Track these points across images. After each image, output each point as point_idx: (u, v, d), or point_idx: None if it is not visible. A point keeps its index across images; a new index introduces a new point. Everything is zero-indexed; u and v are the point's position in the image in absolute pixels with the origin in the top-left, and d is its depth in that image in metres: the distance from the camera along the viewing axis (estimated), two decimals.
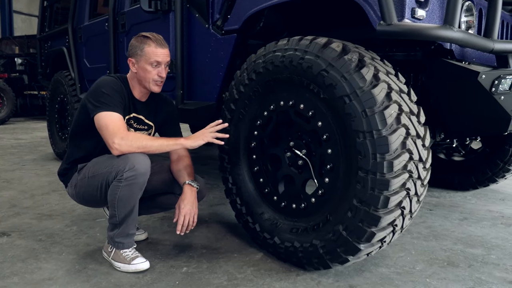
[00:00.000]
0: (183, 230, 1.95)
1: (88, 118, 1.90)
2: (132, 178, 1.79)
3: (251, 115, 2.08)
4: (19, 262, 1.97)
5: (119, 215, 1.86)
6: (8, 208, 2.85)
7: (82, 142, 2.03)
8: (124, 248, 1.92)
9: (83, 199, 2.02)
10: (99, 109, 1.85)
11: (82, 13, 4.26)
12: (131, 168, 1.78)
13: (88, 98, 1.90)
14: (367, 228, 1.58)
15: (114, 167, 1.82)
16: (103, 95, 1.87)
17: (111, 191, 1.84)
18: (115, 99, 1.89)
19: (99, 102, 1.86)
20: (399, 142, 1.52)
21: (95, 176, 1.90)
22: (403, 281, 1.82)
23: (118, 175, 1.80)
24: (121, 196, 1.82)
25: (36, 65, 7.04)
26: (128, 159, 1.80)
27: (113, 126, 1.82)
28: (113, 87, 1.92)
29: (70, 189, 2.05)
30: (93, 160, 1.97)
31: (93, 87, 1.93)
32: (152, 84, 1.99)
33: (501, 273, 1.91)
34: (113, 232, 1.92)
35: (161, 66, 1.97)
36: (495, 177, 3.22)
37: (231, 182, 2.18)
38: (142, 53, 1.95)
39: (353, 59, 1.61)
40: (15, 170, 4.23)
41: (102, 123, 1.83)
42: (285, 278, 1.83)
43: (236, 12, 2.29)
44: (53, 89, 4.93)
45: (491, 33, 1.71)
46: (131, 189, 1.81)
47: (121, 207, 1.84)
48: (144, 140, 1.84)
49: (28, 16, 16.74)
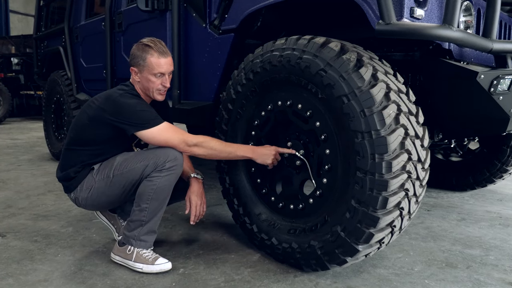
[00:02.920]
0: (195, 220, 2.03)
1: (113, 133, 1.92)
2: (174, 168, 1.86)
3: (249, 115, 2.06)
4: (14, 263, 1.95)
5: (150, 209, 1.87)
6: (3, 209, 2.83)
7: (101, 150, 1.97)
8: (147, 247, 1.92)
9: (97, 200, 1.98)
10: (148, 126, 1.85)
11: (78, 12, 4.24)
12: (172, 159, 1.86)
13: (119, 118, 1.87)
14: (366, 229, 1.57)
15: (153, 160, 1.86)
16: (143, 113, 1.87)
17: (148, 183, 1.86)
18: (153, 111, 1.91)
19: (143, 120, 1.86)
20: (397, 143, 1.51)
21: (124, 173, 1.89)
22: (401, 282, 1.81)
23: (158, 167, 1.84)
24: (159, 187, 1.85)
25: (32, 65, 7.01)
26: (168, 151, 1.87)
27: (178, 135, 1.89)
28: (142, 102, 1.94)
29: (81, 193, 1.97)
30: (116, 159, 1.95)
31: (120, 107, 1.87)
32: (156, 93, 1.99)
33: (500, 274, 1.91)
34: (136, 230, 1.90)
35: (164, 76, 1.97)
36: (492, 178, 3.22)
37: (228, 182, 2.17)
38: (145, 63, 1.93)
39: (351, 58, 1.60)
40: (11, 170, 4.20)
41: (162, 137, 1.88)
42: (282, 280, 1.82)
43: (234, 11, 2.27)
44: (49, 89, 4.91)
45: (490, 33, 1.70)
46: (170, 179, 1.87)
47: (155, 200, 1.87)
48: (216, 144, 1.92)
49: (25, 15, 16.68)
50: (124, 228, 1.97)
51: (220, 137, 2.17)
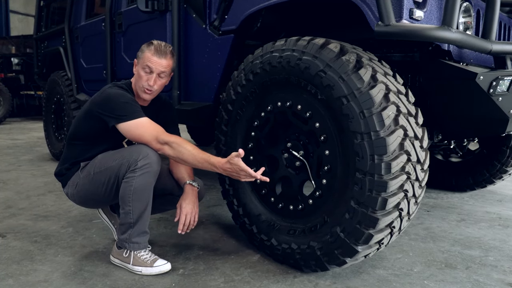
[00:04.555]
0: (184, 229, 1.95)
1: (100, 127, 1.92)
2: (147, 166, 1.81)
3: (248, 115, 2.07)
4: (14, 264, 1.96)
5: (134, 211, 1.84)
6: (3, 209, 2.83)
7: (91, 146, 2.00)
8: (140, 249, 1.90)
9: (84, 198, 2.00)
10: (126, 118, 1.85)
11: (78, 13, 4.24)
12: (144, 157, 1.81)
13: (104, 109, 1.89)
14: (365, 230, 1.57)
15: (126, 159, 1.83)
16: (124, 104, 1.87)
17: (125, 185, 1.83)
18: (137, 106, 1.91)
19: (123, 112, 1.85)
20: (397, 144, 1.51)
21: (102, 171, 1.89)
22: (400, 283, 1.81)
23: (131, 166, 1.82)
24: (136, 187, 1.82)
25: (32, 65, 7.02)
26: (140, 149, 1.84)
27: (151, 130, 1.85)
28: (128, 95, 1.94)
29: (69, 189, 2.02)
30: (97, 157, 1.96)
31: (105, 99, 1.91)
32: (140, 90, 1.99)
33: (499, 275, 1.91)
34: (127, 233, 1.89)
35: (152, 74, 1.95)
36: (492, 178, 3.22)
37: (228, 183, 2.17)
38: (141, 55, 1.98)
39: (351, 60, 1.60)
40: (11, 170, 4.20)
41: (137, 132, 1.85)
42: (282, 280, 1.82)
43: (234, 12, 2.28)
44: (49, 89, 4.91)
45: (489, 34, 1.70)
46: (145, 178, 1.82)
47: (136, 200, 1.83)
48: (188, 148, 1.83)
49: (25, 15, 16.68)
50: (117, 232, 1.99)
51: (220, 138, 2.18)
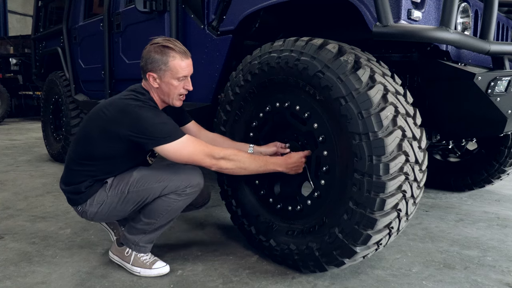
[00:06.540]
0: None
1: (126, 148, 1.76)
2: (193, 193, 1.84)
3: (247, 116, 2.06)
4: (11, 265, 1.95)
5: (158, 223, 1.86)
6: (1, 210, 2.82)
7: (112, 164, 1.82)
8: (145, 252, 1.91)
9: (106, 215, 1.86)
10: (169, 139, 1.69)
11: (77, 13, 4.23)
12: (194, 185, 1.82)
13: (137, 132, 1.69)
14: (363, 230, 1.57)
15: (173, 183, 1.79)
16: (162, 126, 1.71)
17: (162, 203, 1.81)
18: (174, 123, 1.77)
19: (164, 134, 1.69)
20: (395, 144, 1.51)
21: (139, 190, 1.78)
22: (399, 284, 1.81)
23: (179, 190, 1.80)
24: (174, 208, 1.83)
25: (31, 65, 7.00)
26: (191, 175, 1.82)
27: (201, 148, 1.73)
28: (161, 113, 1.77)
29: (90, 207, 1.83)
30: (133, 174, 1.81)
31: (137, 120, 1.69)
32: (176, 99, 1.86)
33: (497, 275, 1.91)
34: (138, 237, 1.89)
35: (187, 79, 1.85)
36: (490, 178, 3.23)
37: (227, 184, 2.16)
38: (167, 67, 1.78)
39: (349, 60, 1.60)
40: (9, 171, 4.19)
41: (185, 152, 1.71)
42: (280, 281, 1.82)
43: (232, 12, 2.27)
44: (47, 89, 4.90)
45: (487, 34, 1.70)
46: (186, 202, 1.85)
47: (166, 218, 1.86)
48: (244, 155, 1.79)
49: (23, 16, 16.63)
50: (125, 230, 1.95)
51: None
